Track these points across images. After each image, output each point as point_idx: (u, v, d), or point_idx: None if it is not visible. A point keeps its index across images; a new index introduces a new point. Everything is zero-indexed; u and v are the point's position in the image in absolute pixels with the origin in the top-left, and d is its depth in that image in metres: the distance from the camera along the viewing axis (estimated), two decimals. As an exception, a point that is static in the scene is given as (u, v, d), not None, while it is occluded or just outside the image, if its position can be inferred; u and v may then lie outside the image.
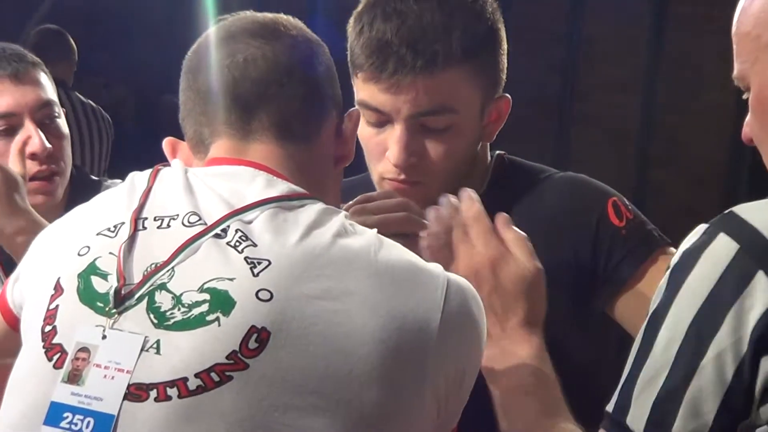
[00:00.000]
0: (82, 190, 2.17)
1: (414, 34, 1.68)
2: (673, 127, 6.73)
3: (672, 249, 1.77)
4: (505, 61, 1.80)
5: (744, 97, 1.41)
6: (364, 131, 1.74)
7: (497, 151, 1.89)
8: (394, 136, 1.71)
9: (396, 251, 1.29)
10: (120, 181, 2.21)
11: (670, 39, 6.77)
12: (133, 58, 6.32)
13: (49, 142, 2.12)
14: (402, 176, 1.73)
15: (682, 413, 1.23)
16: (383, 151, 1.73)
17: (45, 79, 2.20)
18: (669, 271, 1.28)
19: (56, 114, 2.17)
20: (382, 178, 1.75)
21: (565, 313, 1.73)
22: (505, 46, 1.79)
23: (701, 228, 1.28)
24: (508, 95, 1.81)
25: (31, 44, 4.86)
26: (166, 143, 1.48)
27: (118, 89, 5.18)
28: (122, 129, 5.06)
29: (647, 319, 1.29)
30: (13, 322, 1.42)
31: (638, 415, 1.25)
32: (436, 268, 1.30)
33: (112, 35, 5.59)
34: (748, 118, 1.41)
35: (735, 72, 1.40)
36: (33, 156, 2.10)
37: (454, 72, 1.70)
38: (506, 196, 1.82)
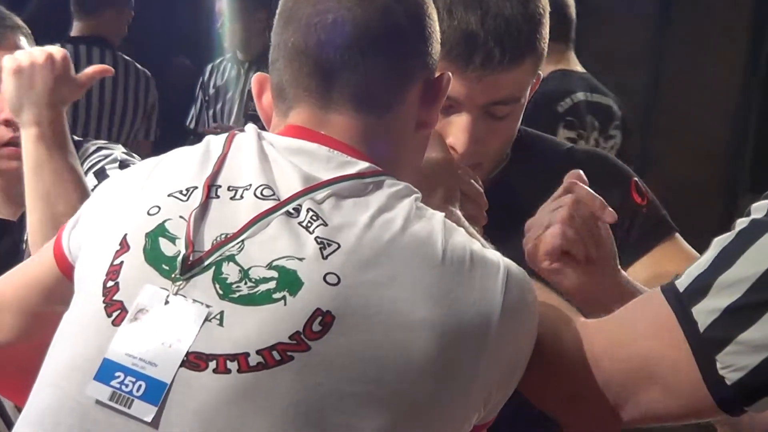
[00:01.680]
0: None
1: (499, 27, 1.65)
2: (677, 101, 6.74)
3: (679, 237, 1.86)
4: None
5: None
6: None
7: None
8: (461, 124, 1.70)
9: (460, 239, 1.28)
10: (102, 142, 2.23)
11: (677, 12, 6.76)
12: (142, 22, 6.31)
13: None
14: (463, 162, 1.71)
15: (755, 328, 1.22)
16: (444, 135, 1.69)
17: (25, 43, 2.16)
18: None
19: None
20: None
21: None
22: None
23: None
24: (539, 72, 1.81)
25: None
26: (255, 80, 1.45)
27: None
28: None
29: (745, 224, 1.29)
30: (68, 270, 1.41)
31: (707, 310, 1.25)
32: (495, 256, 1.29)
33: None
34: None
35: None
36: (6, 122, 2.08)
37: (528, 63, 1.70)
38: (529, 169, 1.86)
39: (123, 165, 2.14)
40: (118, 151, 2.21)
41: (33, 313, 1.51)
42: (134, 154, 2.26)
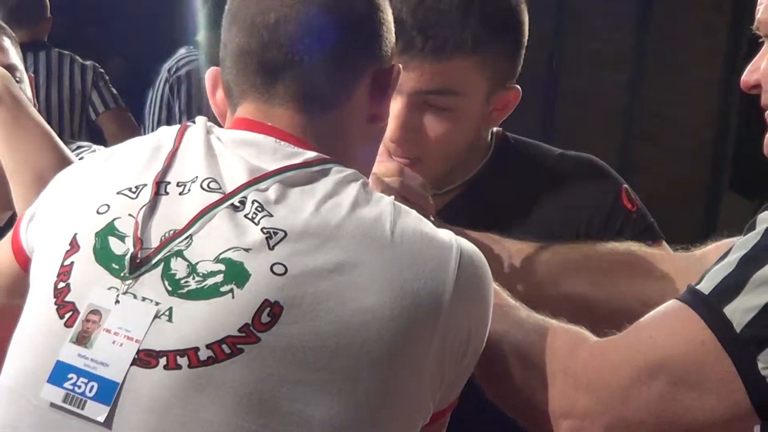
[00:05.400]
0: None
1: (428, 18, 1.67)
2: (660, 103, 6.75)
3: (666, 244, 1.87)
4: (523, 51, 1.78)
5: (760, 41, 1.41)
6: None
7: (495, 128, 1.90)
8: (393, 110, 1.68)
9: (410, 221, 1.28)
10: (87, 144, 2.23)
11: (658, 14, 6.78)
12: (126, 31, 6.33)
13: None
14: (399, 151, 1.74)
15: None
16: None
17: (8, 43, 2.17)
18: None
19: (17, 79, 2.11)
20: None
21: None
22: (525, 36, 1.78)
23: None
24: (518, 87, 1.81)
25: (8, 7, 4.83)
26: (209, 75, 1.45)
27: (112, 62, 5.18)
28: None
29: (764, 227, 1.25)
30: (26, 264, 1.41)
31: (743, 309, 1.21)
32: (447, 236, 1.29)
33: (104, 9, 5.62)
34: (755, 65, 1.41)
35: (760, 15, 1.39)
36: None
37: (461, 61, 1.70)
38: (513, 173, 1.87)
39: None
40: (96, 147, 2.20)
41: None
42: None
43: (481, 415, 1.51)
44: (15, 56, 2.18)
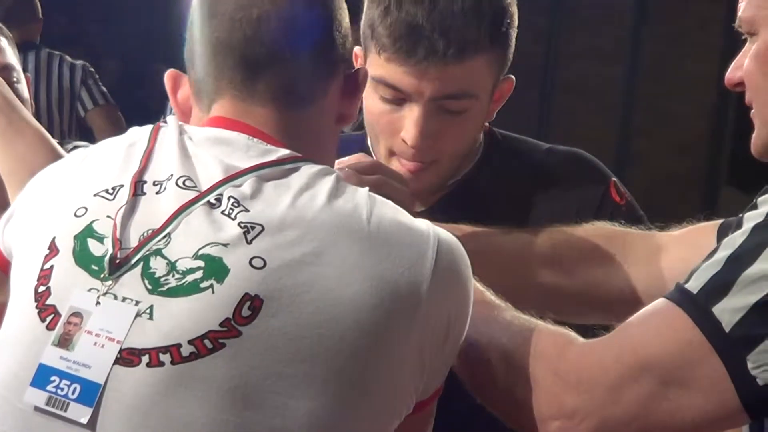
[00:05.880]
0: None
1: (446, 21, 1.66)
2: (656, 96, 6.76)
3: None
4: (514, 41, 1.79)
5: (743, 38, 1.41)
6: (376, 106, 1.72)
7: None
8: (412, 117, 1.70)
9: (387, 211, 1.28)
10: (84, 144, 2.21)
11: (654, 7, 6.79)
12: (124, 29, 6.34)
13: None
14: (418, 156, 1.73)
15: None
16: (396, 129, 1.72)
17: (5, 43, 2.17)
18: None
19: (14, 79, 2.12)
20: (391, 154, 1.75)
21: None
22: (516, 26, 1.78)
23: None
24: (512, 76, 1.81)
25: (5, 8, 4.84)
26: (168, 76, 1.44)
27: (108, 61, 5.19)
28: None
29: (760, 219, 1.25)
30: (4, 264, 1.41)
31: (731, 309, 1.21)
32: (425, 225, 1.29)
33: (103, 6, 5.61)
34: (739, 62, 1.41)
35: (741, 13, 1.39)
36: None
37: (480, 59, 1.70)
38: (504, 168, 1.86)
39: None
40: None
41: None
42: None
43: (477, 416, 1.50)
44: (12, 56, 2.17)
